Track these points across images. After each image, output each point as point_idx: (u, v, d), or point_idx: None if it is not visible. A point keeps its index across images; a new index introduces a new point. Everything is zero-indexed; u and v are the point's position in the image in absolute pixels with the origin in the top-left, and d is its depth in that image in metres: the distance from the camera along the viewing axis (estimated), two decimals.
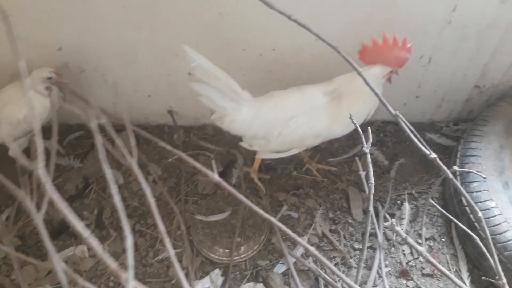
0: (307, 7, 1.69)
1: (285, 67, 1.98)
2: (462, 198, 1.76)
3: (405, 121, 1.46)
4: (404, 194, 2.06)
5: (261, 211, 1.35)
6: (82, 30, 1.84)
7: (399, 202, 2.04)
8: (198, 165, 1.68)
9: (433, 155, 1.42)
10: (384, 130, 2.33)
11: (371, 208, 1.53)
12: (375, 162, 2.18)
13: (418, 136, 1.45)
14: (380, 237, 1.82)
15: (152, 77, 2.10)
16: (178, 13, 1.76)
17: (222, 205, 2.06)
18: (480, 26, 1.77)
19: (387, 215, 1.88)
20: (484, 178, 1.72)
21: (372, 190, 1.50)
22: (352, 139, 2.28)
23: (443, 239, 1.92)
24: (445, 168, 1.43)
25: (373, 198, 2.05)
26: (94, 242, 0.73)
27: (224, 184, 1.59)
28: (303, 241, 1.21)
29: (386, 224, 1.38)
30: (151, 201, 1.32)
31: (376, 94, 1.35)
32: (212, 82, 1.61)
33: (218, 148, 2.30)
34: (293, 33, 1.80)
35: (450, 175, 1.44)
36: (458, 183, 1.42)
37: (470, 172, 1.69)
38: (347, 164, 2.20)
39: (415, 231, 1.95)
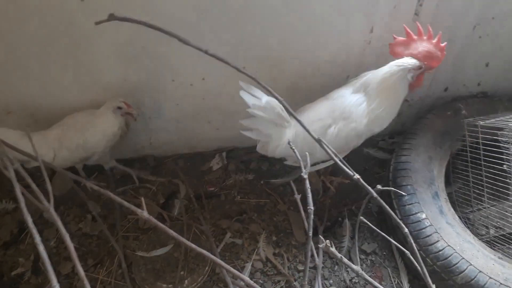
0: (228, 40, 1.73)
1: (216, 96, 1.98)
2: (397, 211, 1.81)
3: (328, 146, 1.49)
4: (344, 211, 2.09)
5: (200, 250, 1.34)
6: None
7: (340, 219, 2.07)
8: (126, 203, 1.64)
9: (357, 176, 1.46)
10: None
11: (310, 234, 1.53)
12: (315, 181, 2.20)
13: (342, 159, 1.48)
14: (318, 259, 1.81)
15: None
16: (102, 48, 1.74)
17: (164, 238, 2.02)
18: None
19: (322, 237, 1.89)
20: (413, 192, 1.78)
21: (312, 216, 1.50)
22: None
23: (384, 253, 1.95)
24: (368, 188, 1.47)
25: (315, 217, 2.08)
26: None
27: (152, 220, 1.56)
28: (242, 275, 1.20)
29: (321, 246, 1.38)
30: (70, 246, 1.28)
31: None
32: (267, 114, 1.65)
33: (159, 179, 2.26)
34: (220, 63, 1.82)
35: (375, 195, 1.48)
36: (382, 201, 1.45)
37: (391, 189, 1.74)
38: (289, 185, 2.22)
39: (356, 247, 1.97)
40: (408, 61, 1.60)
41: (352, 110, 1.69)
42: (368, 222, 1.62)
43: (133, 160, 2.35)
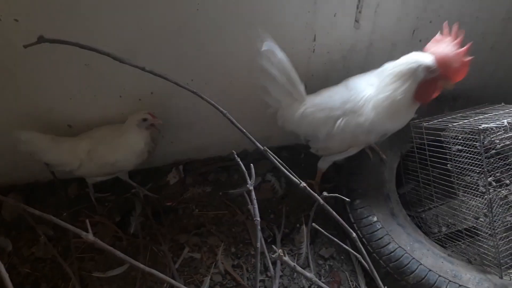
0: (171, 54, 1.72)
1: (167, 109, 1.97)
2: (350, 215, 1.83)
3: (273, 155, 1.50)
4: (302, 217, 2.10)
5: (154, 271, 1.31)
6: None
7: (298, 225, 2.08)
8: (71, 227, 1.60)
9: (303, 184, 1.47)
10: (279, 155, 2.35)
11: (259, 245, 1.53)
12: (272, 189, 2.21)
13: (287, 167, 1.49)
14: (272, 269, 1.79)
15: None
16: (47, 67, 1.70)
17: (121, 257, 1.97)
18: (343, 51, 1.87)
19: (274, 247, 1.90)
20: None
21: (259, 227, 1.49)
22: (250, 168, 2.30)
23: (341, 257, 1.97)
24: (315, 195, 1.47)
25: (273, 225, 2.08)
26: None
27: (99, 243, 1.52)
28: None
29: (273, 256, 1.38)
30: (5, 276, 1.23)
31: None
32: (279, 72, 1.63)
33: (111, 198, 2.22)
34: (169, 76, 1.81)
35: (321, 202, 1.48)
36: (329, 208, 1.46)
37: (336, 195, 1.73)
38: (247, 193, 2.21)
39: (315, 252, 1.99)
40: (425, 57, 1.45)
41: (363, 103, 1.60)
42: (320, 228, 1.62)
43: None
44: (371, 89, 1.60)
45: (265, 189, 2.24)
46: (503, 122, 1.44)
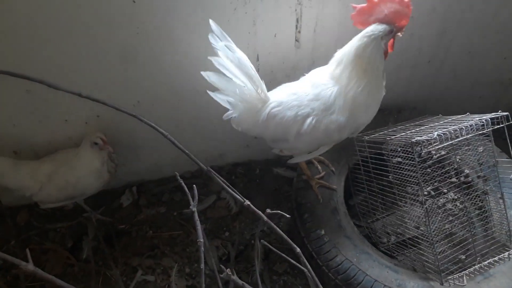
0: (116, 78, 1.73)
1: (115, 131, 1.96)
2: (300, 229, 1.86)
3: (216, 175, 1.51)
4: (256, 233, 2.11)
5: None
6: None
7: (252, 241, 2.09)
8: (8, 257, 1.56)
9: (247, 202, 1.48)
10: (234, 172, 2.40)
11: (202, 267, 1.53)
12: (227, 206, 2.22)
13: (231, 186, 1.50)
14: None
15: None
16: None
17: (74, 283, 1.91)
18: (286, 70, 1.92)
19: (222, 266, 1.90)
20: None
21: (202, 248, 1.49)
22: (205, 186, 2.31)
23: (295, 271, 2.00)
24: (259, 212, 1.49)
25: (228, 243, 2.09)
26: None
27: (40, 273, 1.49)
28: None
29: (222, 275, 1.39)
30: None
31: None
32: (235, 70, 1.50)
33: (62, 224, 2.17)
34: (113, 99, 1.81)
35: (265, 219, 1.51)
36: (273, 225, 1.48)
37: (278, 212, 1.73)
38: (202, 212, 2.22)
39: (269, 268, 2.00)
40: (378, 28, 1.43)
41: (334, 100, 1.53)
42: (268, 244, 1.65)
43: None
44: (337, 82, 1.54)
45: (220, 206, 2.25)
46: (434, 135, 1.50)
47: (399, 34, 1.50)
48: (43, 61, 1.61)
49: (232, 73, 1.51)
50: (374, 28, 1.44)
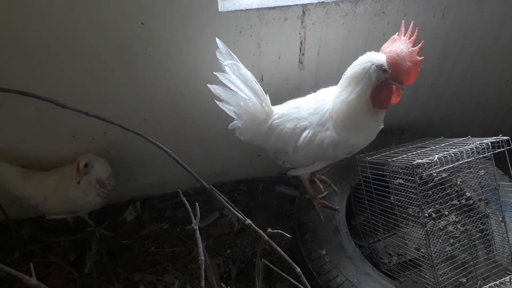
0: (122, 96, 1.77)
1: (121, 147, 1.99)
2: (302, 249, 1.87)
3: (219, 193, 1.53)
4: (258, 250, 2.11)
5: None
6: None
7: (254, 259, 2.10)
8: (13, 271, 1.58)
9: (248, 221, 1.49)
10: (237, 189, 2.41)
11: (203, 285, 1.54)
12: (230, 223, 2.24)
13: (232, 205, 1.52)
14: None
15: None
16: None
17: None
18: (290, 90, 1.95)
19: (223, 285, 1.91)
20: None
21: (203, 266, 1.51)
22: (208, 203, 2.33)
23: None
24: (260, 231, 1.49)
25: (229, 260, 2.10)
26: None
27: (42, 287, 1.51)
28: None
29: None
30: None
31: None
32: (241, 84, 1.54)
33: (66, 237, 2.19)
34: (120, 116, 1.85)
35: (266, 238, 1.51)
36: (274, 244, 1.49)
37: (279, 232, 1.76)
38: (204, 229, 2.23)
39: (270, 287, 2.00)
40: (377, 56, 1.39)
41: (329, 116, 1.55)
42: (269, 263, 1.65)
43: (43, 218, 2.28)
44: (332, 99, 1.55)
45: (223, 223, 2.26)
46: (434, 157, 1.52)
47: (400, 87, 1.40)
48: (53, 80, 1.67)
49: (238, 87, 1.56)
50: (372, 55, 1.41)
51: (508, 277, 1.64)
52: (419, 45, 1.34)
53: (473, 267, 1.70)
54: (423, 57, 1.33)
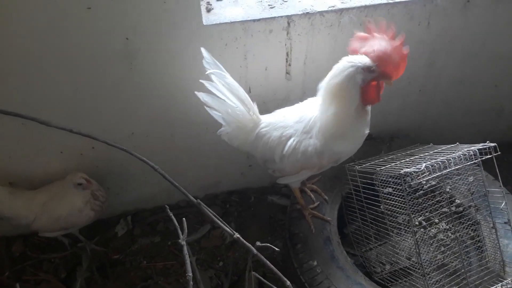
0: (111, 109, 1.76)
1: (109, 162, 1.98)
2: (293, 260, 1.86)
3: (207, 208, 1.52)
4: (250, 263, 2.10)
5: None
6: None
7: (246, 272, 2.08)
8: None
9: (237, 235, 1.48)
10: (229, 200, 2.40)
11: None
12: (222, 235, 2.22)
13: (220, 219, 1.51)
14: None
15: None
16: None
17: None
18: (278, 101, 1.95)
19: None
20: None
21: (191, 282, 1.49)
22: (200, 215, 2.32)
23: None
24: (249, 245, 1.49)
25: (222, 273, 2.08)
26: None
27: None
28: None
29: None
30: None
31: None
32: (226, 93, 1.55)
33: (57, 254, 2.17)
34: (108, 131, 1.85)
35: (255, 251, 1.51)
36: (263, 258, 1.48)
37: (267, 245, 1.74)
38: (196, 242, 2.22)
39: None
40: (359, 58, 1.37)
41: (313, 124, 1.56)
42: (260, 277, 1.65)
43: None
44: (318, 109, 1.55)
45: (215, 236, 2.25)
46: (422, 166, 1.52)
47: (387, 82, 1.43)
48: (40, 96, 1.67)
49: (225, 95, 1.57)
50: (356, 58, 1.39)
51: (500, 284, 1.64)
52: (400, 38, 1.35)
53: (465, 275, 1.69)
54: (408, 49, 1.35)
